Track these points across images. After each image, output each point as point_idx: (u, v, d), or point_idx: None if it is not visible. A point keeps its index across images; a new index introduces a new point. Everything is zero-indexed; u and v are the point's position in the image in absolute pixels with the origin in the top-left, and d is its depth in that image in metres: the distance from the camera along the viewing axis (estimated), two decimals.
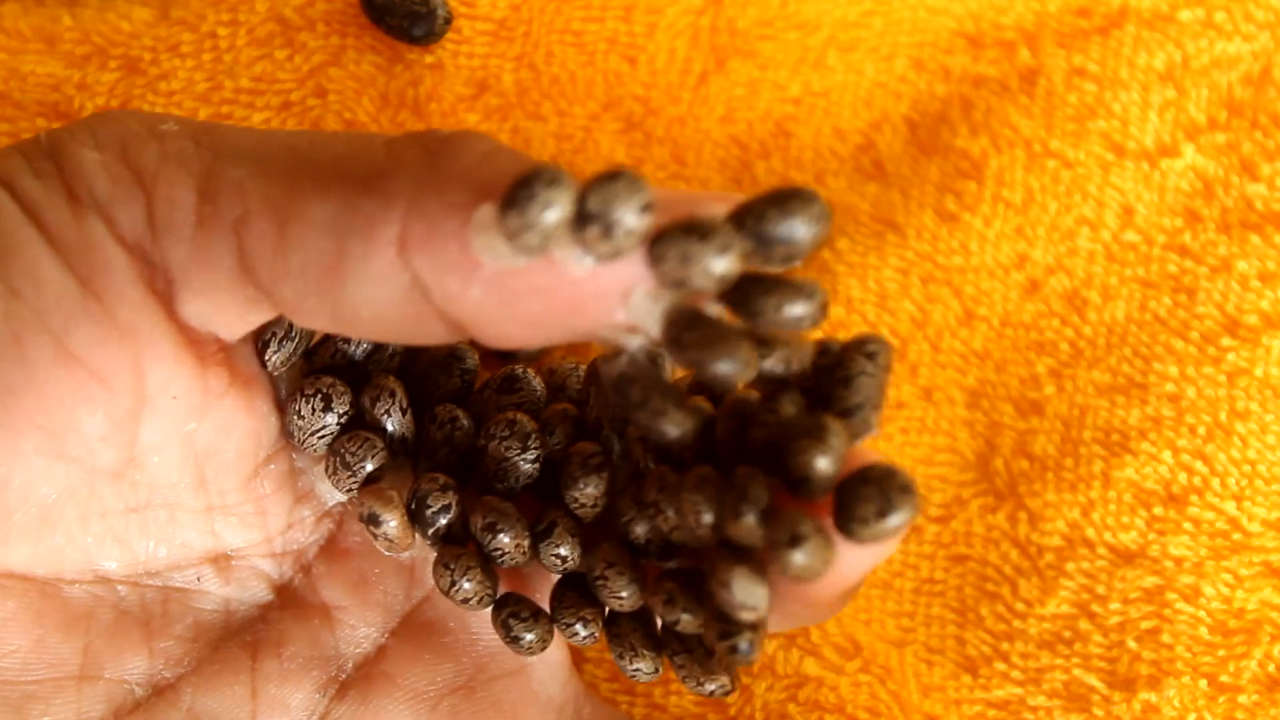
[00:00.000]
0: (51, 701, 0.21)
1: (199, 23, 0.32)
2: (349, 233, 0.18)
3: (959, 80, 0.35)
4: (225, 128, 0.20)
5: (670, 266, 0.16)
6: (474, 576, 0.23)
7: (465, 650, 0.24)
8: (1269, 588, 0.30)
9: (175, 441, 0.21)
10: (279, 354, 0.23)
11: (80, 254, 0.19)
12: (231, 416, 0.22)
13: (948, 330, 0.33)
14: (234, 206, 0.19)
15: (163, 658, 0.22)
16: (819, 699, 0.29)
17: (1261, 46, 0.35)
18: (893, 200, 0.34)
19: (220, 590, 0.23)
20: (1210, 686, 0.30)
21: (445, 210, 0.18)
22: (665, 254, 0.16)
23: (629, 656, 0.23)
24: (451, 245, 0.18)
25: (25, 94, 0.31)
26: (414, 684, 0.23)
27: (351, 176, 0.19)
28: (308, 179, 0.19)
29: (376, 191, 0.19)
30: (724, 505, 0.18)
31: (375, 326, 0.19)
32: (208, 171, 0.20)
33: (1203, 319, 0.33)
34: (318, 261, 0.19)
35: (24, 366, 0.19)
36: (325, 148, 0.20)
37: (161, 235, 0.20)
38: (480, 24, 0.34)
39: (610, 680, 0.30)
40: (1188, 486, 0.31)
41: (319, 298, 0.19)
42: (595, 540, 0.23)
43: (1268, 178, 0.34)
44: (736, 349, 0.16)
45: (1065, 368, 0.33)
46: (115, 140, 0.20)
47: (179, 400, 0.21)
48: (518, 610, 0.23)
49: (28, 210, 0.19)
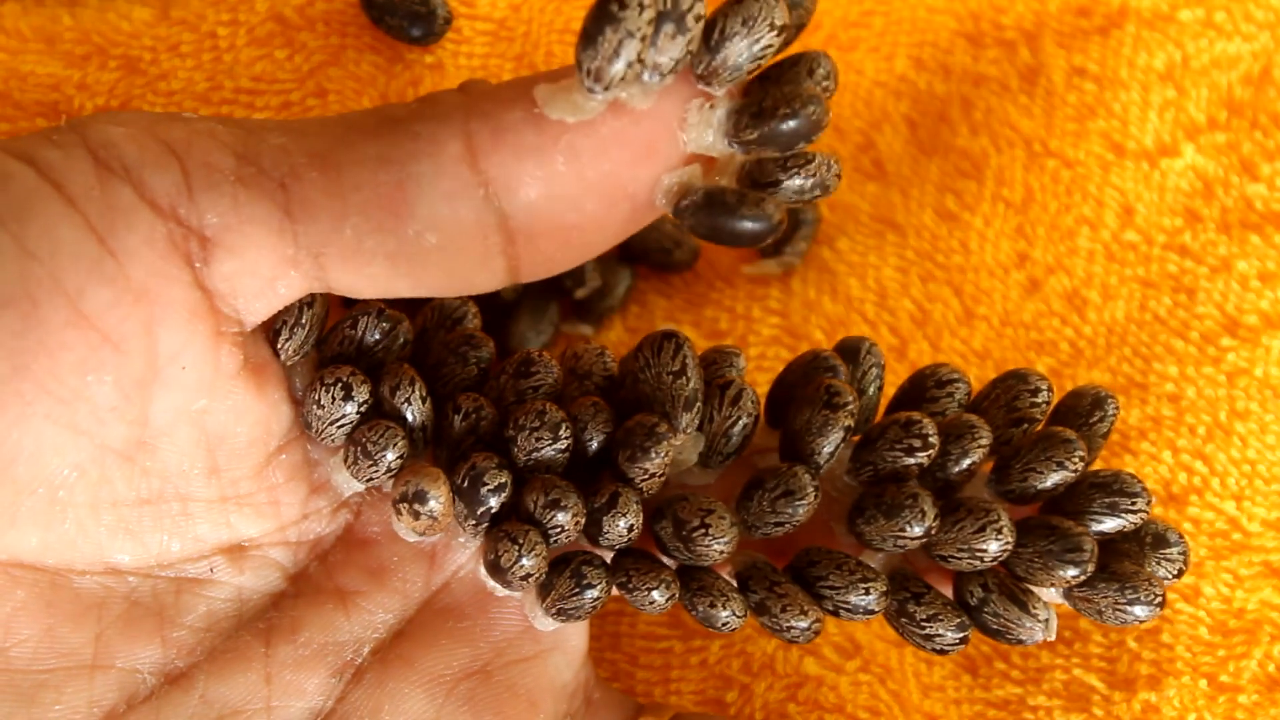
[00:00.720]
0: (63, 690, 0.21)
1: (199, 23, 0.32)
2: (411, 158, 0.19)
3: (959, 80, 0.35)
4: (250, 119, 0.21)
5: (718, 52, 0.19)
6: (539, 553, 0.22)
7: (483, 635, 0.24)
8: (1269, 588, 0.30)
9: (185, 421, 0.21)
10: (291, 341, 0.23)
11: (101, 215, 0.19)
12: (243, 400, 0.22)
13: (948, 330, 0.33)
14: (278, 165, 0.20)
15: (175, 647, 0.22)
16: (819, 698, 0.29)
17: (1261, 46, 0.35)
18: (893, 200, 0.34)
19: (233, 580, 0.23)
20: (1210, 686, 0.30)
21: (504, 106, 0.19)
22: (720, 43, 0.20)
23: (720, 604, 0.23)
24: (523, 129, 0.19)
25: (25, 94, 0.31)
26: (431, 668, 0.24)
27: (395, 117, 0.20)
28: (353, 131, 0.20)
29: (428, 117, 0.19)
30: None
31: (438, 259, 0.20)
32: (243, 141, 0.20)
33: (1203, 319, 0.33)
34: (380, 194, 0.19)
35: (37, 329, 0.19)
36: (356, 116, 0.20)
37: (199, 194, 0.20)
38: (480, 24, 0.34)
39: (610, 680, 0.30)
40: (1188, 486, 0.31)
41: (381, 233, 0.19)
42: (668, 502, 0.23)
43: (1268, 178, 0.34)
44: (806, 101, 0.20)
45: (1065, 367, 0.33)
46: (140, 120, 0.20)
47: (189, 372, 0.21)
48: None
49: (46, 175, 0.20)
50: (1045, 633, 0.23)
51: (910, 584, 0.23)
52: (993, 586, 0.23)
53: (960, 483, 0.23)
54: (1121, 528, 0.23)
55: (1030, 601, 0.23)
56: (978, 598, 0.23)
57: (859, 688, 0.30)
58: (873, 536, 0.23)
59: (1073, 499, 0.23)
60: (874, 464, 0.23)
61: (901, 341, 0.33)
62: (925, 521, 0.22)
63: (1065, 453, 0.23)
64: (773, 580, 0.23)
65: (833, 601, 0.23)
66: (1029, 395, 0.24)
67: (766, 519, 0.22)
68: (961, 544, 0.22)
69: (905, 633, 0.23)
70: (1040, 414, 0.24)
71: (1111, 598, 0.23)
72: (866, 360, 0.25)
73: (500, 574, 0.23)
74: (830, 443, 0.23)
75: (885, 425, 0.23)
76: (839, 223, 0.34)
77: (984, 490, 0.24)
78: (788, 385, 0.24)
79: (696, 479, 0.24)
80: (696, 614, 0.23)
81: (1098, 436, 0.24)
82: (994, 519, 0.22)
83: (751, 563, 0.23)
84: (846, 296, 0.33)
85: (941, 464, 0.23)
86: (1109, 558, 0.23)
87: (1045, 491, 0.23)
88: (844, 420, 0.22)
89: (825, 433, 0.23)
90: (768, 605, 0.23)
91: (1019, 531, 0.23)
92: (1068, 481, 0.23)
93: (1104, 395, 0.24)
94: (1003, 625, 0.23)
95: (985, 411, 0.24)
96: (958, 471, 0.23)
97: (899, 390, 0.25)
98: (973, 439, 0.23)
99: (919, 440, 0.22)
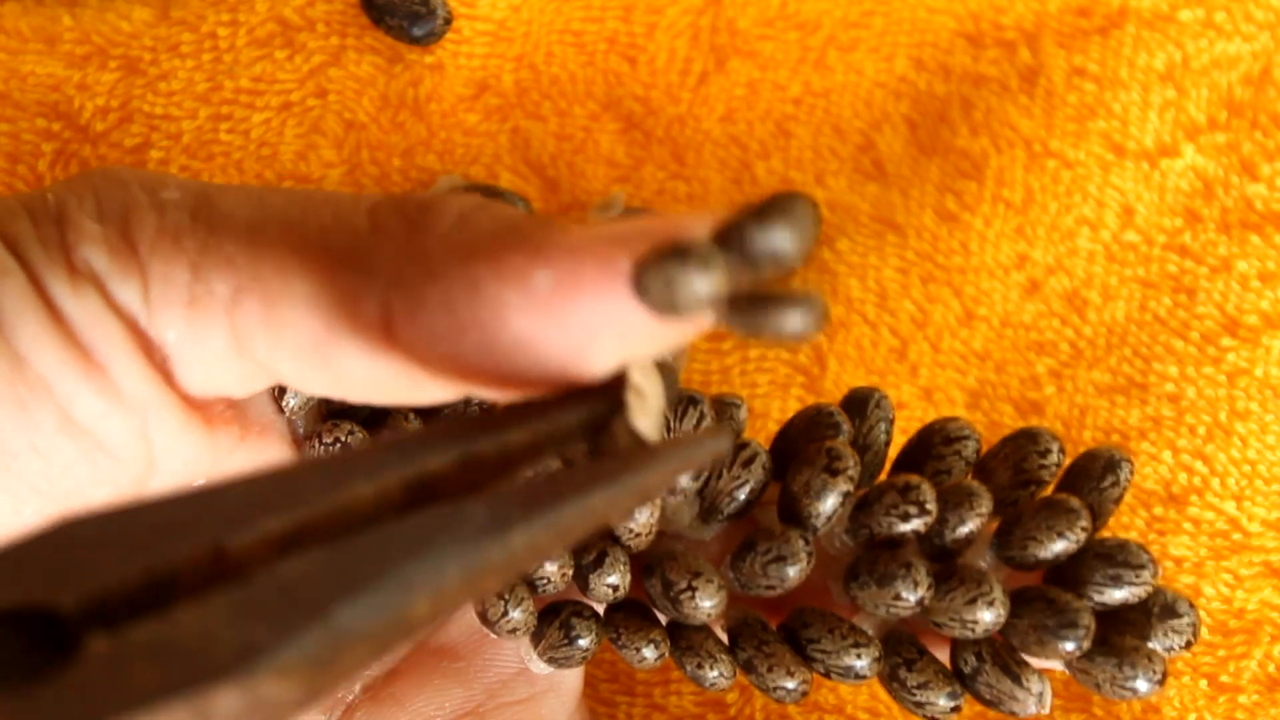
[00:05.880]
0: None
1: (199, 23, 0.32)
2: (333, 310, 0.19)
3: (959, 80, 0.35)
4: (224, 194, 0.20)
5: (656, 294, 0.16)
6: (526, 606, 0.22)
7: (477, 677, 0.24)
8: (1269, 588, 0.30)
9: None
10: (297, 399, 0.22)
11: (81, 327, 0.19)
12: (243, 467, 0.22)
13: (948, 330, 0.33)
14: (226, 284, 0.19)
15: None
16: (819, 699, 0.29)
17: (1261, 46, 0.35)
18: (893, 200, 0.34)
19: None
20: (1210, 686, 0.30)
21: (425, 281, 0.18)
22: (649, 283, 0.16)
23: (708, 664, 0.23)
24: (437, 314, 0.18)
25: (25, 94, 0.31)
26: (422, 708, 0.23)
27: (335, 250, 0.19)
28: (295, 255, 0.19)
29: (358, 267, 0.19)
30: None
31: (375, 394, 0.20)
32: (201, 247, 0.20)
33: (1203, 319, 0.33)
34: (309, 339, 0.19)
35: (29, 432, 0.19)
36: (315, 216, 0.20)
37: (156, 313, 0.20)
38: (480, 24, 0.34)
39: (610, 681, 0.30)
40: (1188, 486, 0.31)
41: (315, 372, 0.19)
42: (658, 559, 0.23)
43: (1268, 178, 0.34)
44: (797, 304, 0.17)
45: (1065, 368, 0.33)
46: (118, 210, 0.20)
47: (187, 464, 0.21)
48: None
49: (32, 279, 0.19)
50: (1038, 706, 0.22)
51: (903, 649, 0.23)
52: (986, 656, 0.23)
53: (958, 549, 0.23)
54: (1126, 600, 0.23)
55: (1024, 674, 0.22)
56: (971, 666, 0.23)
57: (859, 688, 0.30)
58: (866, 602, 0.22)
59: (1076, 568, 0.23)
60: (870, 527, 0.22)
61: (902, 342, 0.33)
62: (918, 591, 0.21)
63: (1068, 523, 0.22)
64: (761, 639, 0.23)
65: (824, 664, 0.22)
66: (1038, 456, 0.23)
67: (758, 581, 0.22)
68: (953, 613, 0.22)
69: (897, 697, 0.23)
70: (1049, 475, 0.23)
71: (1110, 672, 0.22)
72: (874, 414, 0.24)
73: (490, 625, 0.23)
74: (828, 507, 0.22)
75: (883, 489, 0.22)
76: (839, 223, 0.34)
77: (986, 554, 0.23)
78: (790, 439, 0.24)
79: (696, 533, 0.24)
80: (685, 672, 0.23)
81: (1109, 501, 0.24)
82: (985, 590, 0.22)
83: (743, 619, 0.23)
84: (847, 297, 0.33)
85: (939, 530, 0.22)
86: (1111, 629, 0.23)
87: (1046, 561, 0.23)
88: (843, 485, 0.22)
89: (823, 496, 0.22)
90: (755, 664, 0.23)
91: (1016, 601, 0.22)
92: (1069, 552, 0.22)
93: (1119, 459, 0.24)
94: (995, 696, 0.23)
95: (992, 471, 0.24)
96: (955, 539, 0.22)
97: (905, 446, 0.25)
98: (970, 506, 0.22)
99: (915, 507, 0.22)
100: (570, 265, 0.17)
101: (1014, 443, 0.24)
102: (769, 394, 0.32)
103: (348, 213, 0.20)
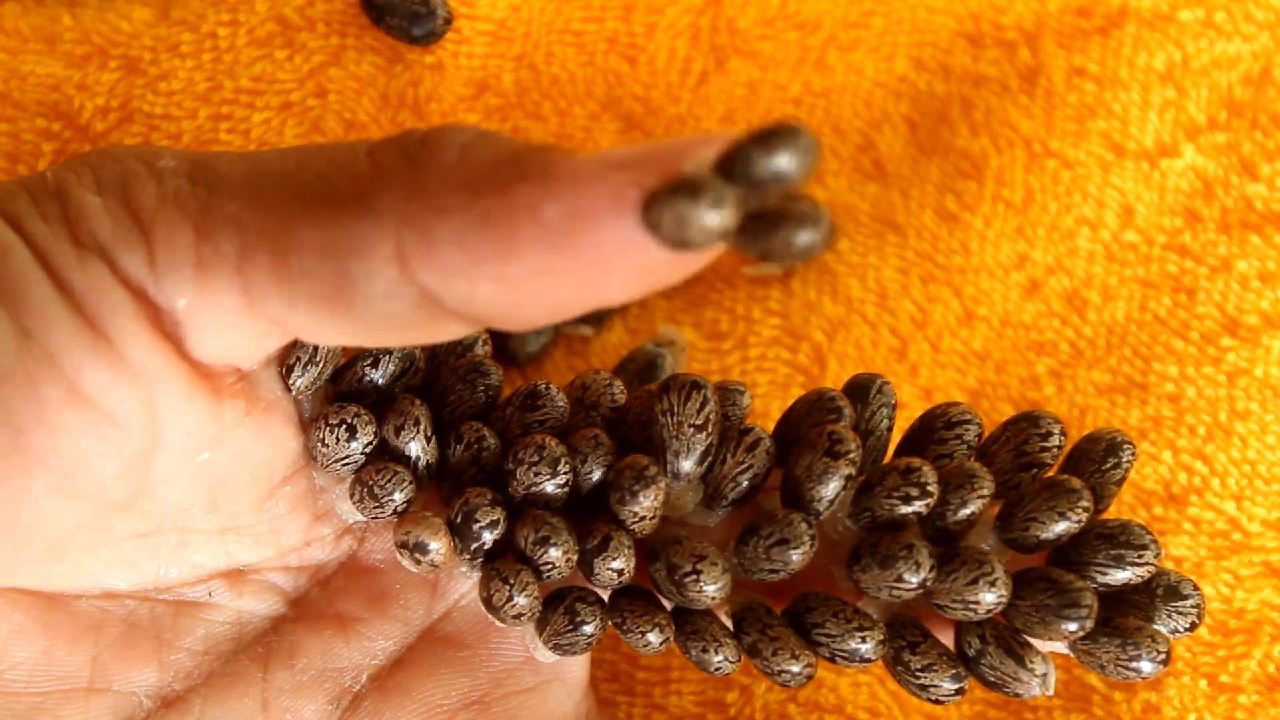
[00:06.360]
0: (59, 713, 0.21)
1: (199, 23, 0.32)
2: (348, 255, 0.19)
3: (959, 80, 0.35)
4: (219, 159, 0.20)
5: (668, 230, 0.16)
6: (531, 591, 0.22)
7: (483, 665, 0.24)
8: (1269, 588, 0.30)
9: (187, 471, 0.21)
10: (304, 378, 0.22)
11: (87, 298, 0.19)
12: (247, 445, 0.22)
13: (948, 330, 0.33)
14: (233, 242, 0.19)
15: (172, 670, 0.22)
16: (819, 699, 0.29)
17: (1261, 46, 0.35)
18: (893, 200, 0.34)
19: (232, 603, 0.23)
20: (1210, 686, 0.30)
21: (435, 217, 0.18)
22: (660, 219, 0.16)
23: (713, 648, 0.23)
24: (450, 250, 0.18)
25: (25, 94, 0.31)
26: (428, 697, 0.23)
27: (340, 196, 0.19)
28: (299, 205, 0.19)
29: (366, 209, 0.19)
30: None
31: (395, 335, 0.20)
32: (204, 209, 0.20)
33: (1203, 319, 0.33)
34: (324, 286, 0.19)
35: (36, 406, 0.19)
36: (311, 166, 0.20)
37: (163, 278, 0.20)
38: (480, 24, 0.34)
39: (610, 681, 0.30)
40: (1188, 486, 0.31)
41: (332, 319, 0.19)
42: (662, 544, 0.23)
43: (1268, 178, 0.34)
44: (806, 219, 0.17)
45: (1065, 368, 0.33)
46: (117, 181, 0.20)
47: (193, 435, 0.21)
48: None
49: (36, 253, 0.19)
50: (1042, 687, 0.22)
51: (907, 632, 0.23)
52: (990, 638, 0.23)
53: (960, 531, 0.23)
54: (1128, 580, 0.23)
55: (1027, 656, 0.22)
56: (975, 649, 0.23)
57: (859, 688, 0.30)
58: (869, 585, 0.22)
59: (1078, 549, 0.23)
60: (872, 510, 0.22)
61: (902, 342, 0.33)
62: (920, 573, 0.21)
63: (1069, 503, 0.22)
64: (766, 623, 0.23)
65: (829, 649, 0.22)
66: (1039, 439, 0.23)
67: (762, 565, 0.22)
68: (955, 595, 0.22)
69: (902, 681, 0.23)
70: (1051, 458, 0.23)
71: (1113, 653, 0.22)
72: (876, 400, 0.24)
73: (494, 611, 0.23)
74: (830, 491, 0.22)
75: (885, 471, 0.22)
76: (839, 223, 0.34)
77: (989, 537, 0.23)
78: (792, 424, 0.24)
79: (700, 518, 0.24)
80: (690, 656, 0.23)
81: (1110, 484, 0.23)
82: (987, 571, 0.22)
83: (748, 604, 0.23)
84: (847, 297, 0.33)
85: (941, 512, 0.22)
86: (1115, 610, 0.23)
87: (1048, 541, 0.23)
88: (845, 469, 0.22)
89: (825, 480, 0.22)
90: (759, 648, 0.23)
91: (1019, 583, 0.22)
92: (1071, 532, 0.22)
93: (1120, 441, 0.24)
94: (999, 678, 0.23)
95: (994, 455, 0.24)
96: (957, 521, 0.22)
97: (908, 431, 0.25)
98: (972, 489, 0.22)
99: (917, 489, 0.22)
100: (579, 197, 0.17)
101: (1015, 426, 0.24)
102: (769, 394, 0.32)
103: (346, 159, 0.20)
